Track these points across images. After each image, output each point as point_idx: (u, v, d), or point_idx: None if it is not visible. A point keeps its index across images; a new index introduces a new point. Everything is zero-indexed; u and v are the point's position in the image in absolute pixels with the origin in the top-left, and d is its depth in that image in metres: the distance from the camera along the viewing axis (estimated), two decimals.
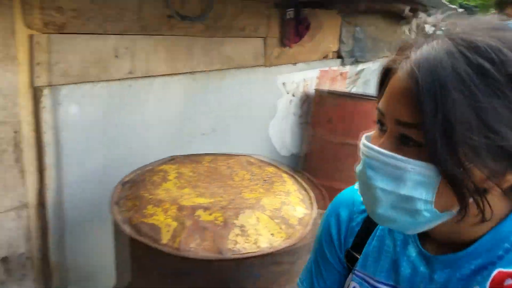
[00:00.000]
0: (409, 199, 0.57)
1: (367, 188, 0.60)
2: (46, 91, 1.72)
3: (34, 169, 1.76)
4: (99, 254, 2.04)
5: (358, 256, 0.74)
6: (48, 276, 1.90)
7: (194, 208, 1.47)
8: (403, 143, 0.57)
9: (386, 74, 0.62)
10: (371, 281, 0.71)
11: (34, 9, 1.65)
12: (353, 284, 0.74)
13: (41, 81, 1.70)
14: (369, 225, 0.73)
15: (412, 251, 0.68)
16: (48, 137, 1.77)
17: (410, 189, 0.56)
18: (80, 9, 1.78)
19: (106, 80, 1.95)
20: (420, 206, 0.57)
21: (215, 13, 2.36)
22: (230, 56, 2.58)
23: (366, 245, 0.73)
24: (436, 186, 0.56)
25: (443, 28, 0.57)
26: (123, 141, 2.09)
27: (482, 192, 0.56)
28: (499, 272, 0.58)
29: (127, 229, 1.42)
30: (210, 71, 2.46)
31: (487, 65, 0.52)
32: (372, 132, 0.64)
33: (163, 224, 1.42)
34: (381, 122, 0.61)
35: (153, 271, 1.48)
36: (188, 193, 1.58)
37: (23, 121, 1.68)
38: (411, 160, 0.56)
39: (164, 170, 1.75)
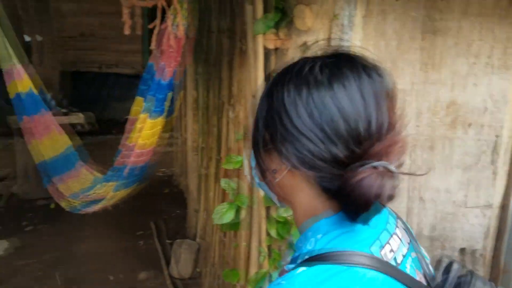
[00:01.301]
0: (255, 169, 0.75)
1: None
2: None
3: (504, 173, 1.85)
4: None
5: None
6: (494, 277, 1.96)
7: None
8: None
9: None
10: None
11: None
12: None
13: None
14: None
15: None
16: None
17: (252, 161, 0.75)
18: None
19: None
20: (254, 172, 0.75)
21: None
22: None
23: None
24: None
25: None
26: None
27: (270, 172, 0.70)
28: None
29: None
30: None
31: (286, 68, 0.70)
32: None
33: None
34: None
35: None
36: None
37: (504, 127, 1.78)
38: None
39: None
